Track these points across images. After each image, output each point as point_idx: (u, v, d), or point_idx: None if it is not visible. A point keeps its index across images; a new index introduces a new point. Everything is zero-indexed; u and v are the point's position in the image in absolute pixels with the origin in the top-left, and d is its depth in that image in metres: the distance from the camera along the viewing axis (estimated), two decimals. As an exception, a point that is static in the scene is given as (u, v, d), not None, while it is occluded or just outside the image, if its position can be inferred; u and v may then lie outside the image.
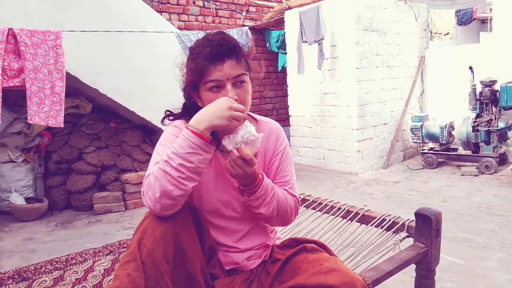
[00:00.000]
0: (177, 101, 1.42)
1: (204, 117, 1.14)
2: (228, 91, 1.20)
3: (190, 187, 1.13)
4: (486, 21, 7.87)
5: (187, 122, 1.31)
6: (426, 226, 1.54)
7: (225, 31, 1.27)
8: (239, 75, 1.22)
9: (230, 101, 1.15)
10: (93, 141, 4.34)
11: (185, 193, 1.13)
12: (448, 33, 6.39)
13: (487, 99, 5.00)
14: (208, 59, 1.19)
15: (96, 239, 3.33)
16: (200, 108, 1.29)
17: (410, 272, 2.18)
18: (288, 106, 6.23)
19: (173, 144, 1.14)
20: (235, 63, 1.22)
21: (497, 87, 4.97)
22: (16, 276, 1.48)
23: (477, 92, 5.08)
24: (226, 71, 1.20)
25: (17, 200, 3.94)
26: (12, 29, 3.01)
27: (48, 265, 1.54)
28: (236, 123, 1.14)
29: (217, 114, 1.13)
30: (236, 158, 1.13)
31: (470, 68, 5.06)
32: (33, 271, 1.51)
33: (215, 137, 1.23)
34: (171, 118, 1.39)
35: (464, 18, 6.53)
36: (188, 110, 1.35)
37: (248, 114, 1.44)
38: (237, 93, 1.22)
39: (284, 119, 7.02)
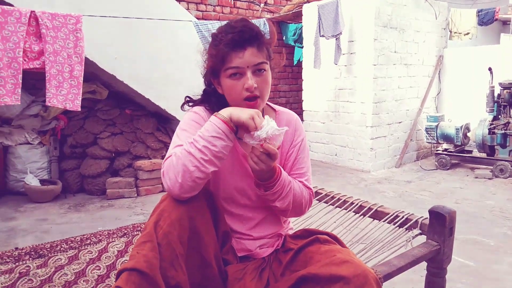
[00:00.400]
0: (193, 91, 1.44)
1: (231, 110, 1.18)
2: (248, 78, 1.21)
3: (210, 171, 1.14)
4: (508, 22, 7.73)
5: (207, 109, 1.34)
6: (440, 224, 1.53)
7: (248, 19, 1.27)
8: (259, 63, 1.23)
9: (258, 113, 1.17)
10: (108, 127, 4.39)
11: (205, 176, 1.14)
12: (468, 33, 6.29)
13: (505, 101, 4.92)
14: (229, 46, 1.20)
15: (108, 223, 3.37)
16: (220, 94, 1.30)
17: (419, 271, 2.17)
18: (302, 100, 6.20)
19: (198, 130, 1.17)
20: (256, 51, 1.22)
21: (516, 89, 4.89)
22: (32, 253, 1.51)
23: (495, 94, 5.01)
24: (247, 59, 1.20)
25: (32, 181, 4.01)
26: (34, 11, 3.05)
27: (63, 244, 1.57)
28: (253, 124, 1.14)
29: (243, 110, 1.17)
30: (260, 153, 1.14)
31: (489, 69, 4.98)
32: (49, 249, 1.54)
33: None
34: (190, 104, 1.40)
35: (486, 19, 6.41)
36: (208, 96, 1.36)
37: (266, 104, 1.44)
38: (256, 81, 1.22)
39: (297, 114, 6.99)
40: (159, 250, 1.09)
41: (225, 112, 1.18)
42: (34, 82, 4.52)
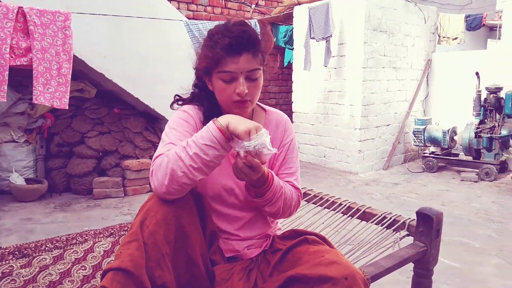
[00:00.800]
0: (183, 91, 1.42)
1: (230, 119, 1.13)
2: (240, 84, 1.20)
3: (198, 179, 1.13)
4: (495, 28, 7.84)
5: (196, 107, 1.33)
6: (427, 225, 1.54)
7: (247, 22, 1.26)
8: (253, 70, 1.22)
9: (257, 127, 1.12)
10: (95, 126, 4.34)
11: (192, 183, 1.13)
12: (456, 38, 6.36)
13: (492, 105, 5.00)
14: (225, 50, 1.18)
15: (94, 223, 3.33)
16: (209, 91, 1.30)
17: (405, 272, 2.19)
18: (292, 102, 6.22)
19: (188, 129, 1.18)
20: (251, 57, 1.21)
21: (502, 94, 4.97)
22: (16, 252, 1.48)
23: (482, 99, 5.09)
24: (241, 65, 1.20)
25: (17, 180, 3.95)
26: (22, 7, 3.00)
27: (48, 244, 1.54)
28: (247, 137, 1.10)
29: (242, 121, 1.11)
30: (242, 166, 1.12)
31: (477, 74, 5.06)
32: (33, 248, 1.51)
33: None
34: (180, 102, 1.39)
35: (473, 24, 6.50)
36: (198, 91, 1.36)
37: (256, 104, 1.44)
38: (248, 87, 1.22)
39: (287, 115, 7.01)
40: (145, 249, 1.08)
41: (224, 119, 1.13)
42: (20, 79, 4.44)
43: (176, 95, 1.41)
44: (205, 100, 1.33)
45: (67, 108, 3.37)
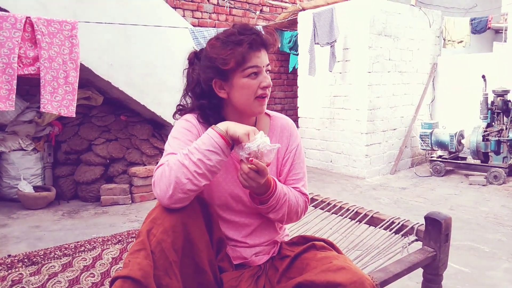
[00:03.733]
0: (188, 98, 1.43)
1: (228, 124, 1.19)
2: (265, 76, 1.27)
3: (202, 185, 1.14)
4: (501, 31, 7.81)
5: (198, 117, 1.33)
6: (436, 230, 1.53)
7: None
8: (269, 64, 1.30)
9: (255, 130, 1.18)
10: (103, 133, 4.37)
11: (197, 189, 1.14)
12: (461, 41, 6.34)
13: (499, 108, 4.96)
14: (251, 46, 1.24)
15: (102, 230, 3.33)
16: (215, 100, 1.31)
17: (415, 277, 2.17)
18: (297, 107, 6.22)
19: (191, 139, 1.19)
20: (266, 52, 1.29)
21: (509, 97, 4.94)
22: (26, 260, 1.49)
23: (489, 102, 5.05)
24: (263, 59, 1.27)
25: (26, 188, 3.98)
26: (29, 17, 3.04)
27: (57, 251, 1.55)
28: (247, 140, 1.15)
29: (240, 125, 1.18)
30: (248, 171, 1.14)
31: (483, 77, 5.03)
32: (42, 256, 1.52)
33: None
34: (182, 112, 1.40)
35: (479, 27, 6.48)
36: (206, 102, 1.33)
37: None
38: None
39: (292, 120, 7.00)
40: (152, 257, 1.08)
41: (222, 125, 1.18)
42: (28, 88, 4.49)
43: (179, 104, 1.42)
44: (209, 109, 1.33)
45: (74, 116, 3.40)
